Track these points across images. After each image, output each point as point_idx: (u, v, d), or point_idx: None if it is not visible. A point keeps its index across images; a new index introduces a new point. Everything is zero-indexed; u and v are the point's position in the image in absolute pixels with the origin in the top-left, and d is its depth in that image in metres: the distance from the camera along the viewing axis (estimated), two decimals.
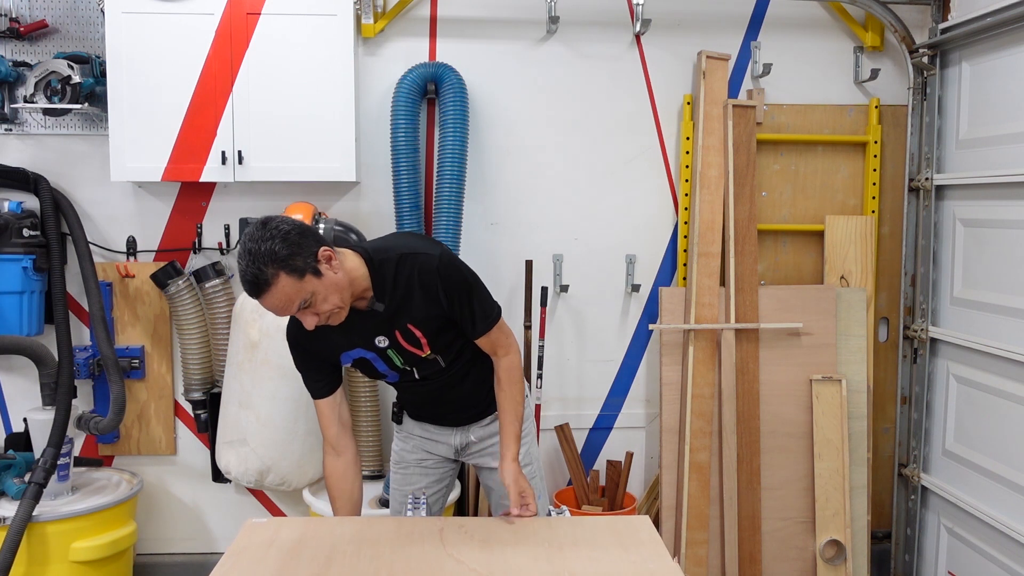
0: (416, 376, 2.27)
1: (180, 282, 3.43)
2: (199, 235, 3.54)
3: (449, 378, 2.29)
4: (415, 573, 1.87)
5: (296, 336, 2.23)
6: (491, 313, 2.20)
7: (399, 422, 2.52)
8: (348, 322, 2.08)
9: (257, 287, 1.91)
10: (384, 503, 3.34)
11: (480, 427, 2.44)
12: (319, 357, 2.24)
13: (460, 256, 3.06)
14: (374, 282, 2.10)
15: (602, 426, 3.78)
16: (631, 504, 3.57)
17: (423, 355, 2.20)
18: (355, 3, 3.32)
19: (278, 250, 1.90)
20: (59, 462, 3.19)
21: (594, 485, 3.61)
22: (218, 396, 3.43)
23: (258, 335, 3.19)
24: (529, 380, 3.47)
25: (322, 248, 1.97)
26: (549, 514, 2.33)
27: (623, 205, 3.69)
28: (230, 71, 3.24)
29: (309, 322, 2.01)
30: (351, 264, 2.07)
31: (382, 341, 2.17)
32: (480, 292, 2.18)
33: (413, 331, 2.16)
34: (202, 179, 3.28)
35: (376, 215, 3.58)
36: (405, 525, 2.15)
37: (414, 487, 2.48)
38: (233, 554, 1.95)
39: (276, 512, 3.70)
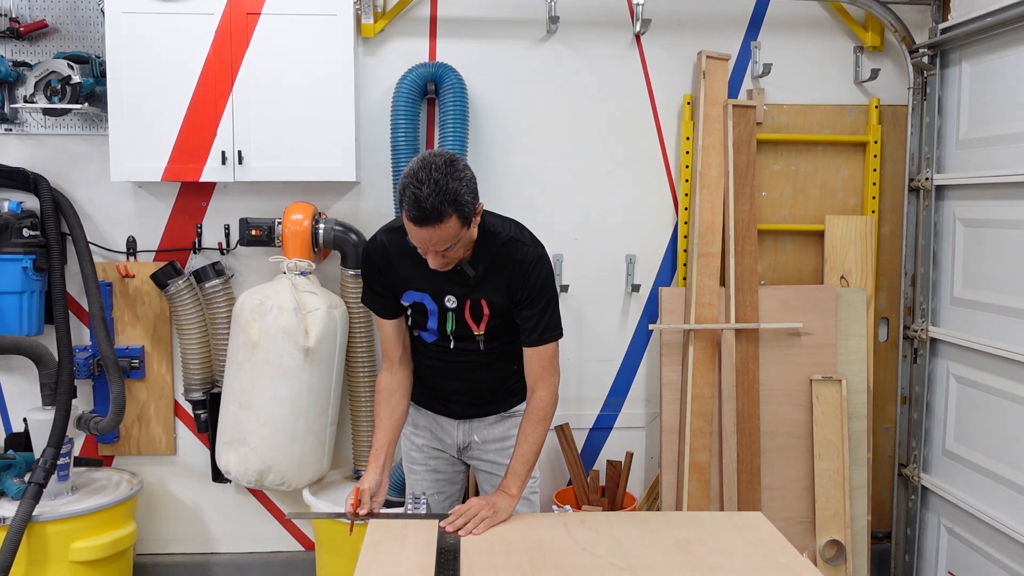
0: (451, 347, 2.30)
1: (180, 282, 3.43)
2: (199, 235, 3.53)
3: (475, 361, 2.33)
4: (555, 568, 1.89)
5: (375, 256, 2.27)
6: (554, 329, 2.27)
7: None
8: (432, 269, 2.12)
9: (428, 218, 1.96)
10: (385, 503, 3.34)
11: (484, 426, 2.45)
12: (385, 283, 2.28)
13: None
14: (477, 248, 2.18)
15: (602, 426, 3.78)
16: (631, 504, 3.57)
17: (474, 332, 2.25)
18: (355, 3, 3.32)
19: (463, 194, 1.99)
20: (59, 462, 3.19)
21: (594, 485, 3.61)
22: (218, 396, 3.42)
23: (258, 335, 3.19)
24: None
25: (480, 202, 2.08)
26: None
27: (623, 205, 3.69)
28: (230, 71, 3.24)
29: (435, 262, 2.08)
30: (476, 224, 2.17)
31: (451, 301, 2.23)
32: (555, 307, 2.27)
33: (483, 307, 2.22)
34: (202, 179, 3.28)
35: (376, 215, 3.58)
36: (528, 521, 2.18)
37: (423, 488, 2.49)
38: (371, 546, 2.00)
39: (276, 512, 3.70)
